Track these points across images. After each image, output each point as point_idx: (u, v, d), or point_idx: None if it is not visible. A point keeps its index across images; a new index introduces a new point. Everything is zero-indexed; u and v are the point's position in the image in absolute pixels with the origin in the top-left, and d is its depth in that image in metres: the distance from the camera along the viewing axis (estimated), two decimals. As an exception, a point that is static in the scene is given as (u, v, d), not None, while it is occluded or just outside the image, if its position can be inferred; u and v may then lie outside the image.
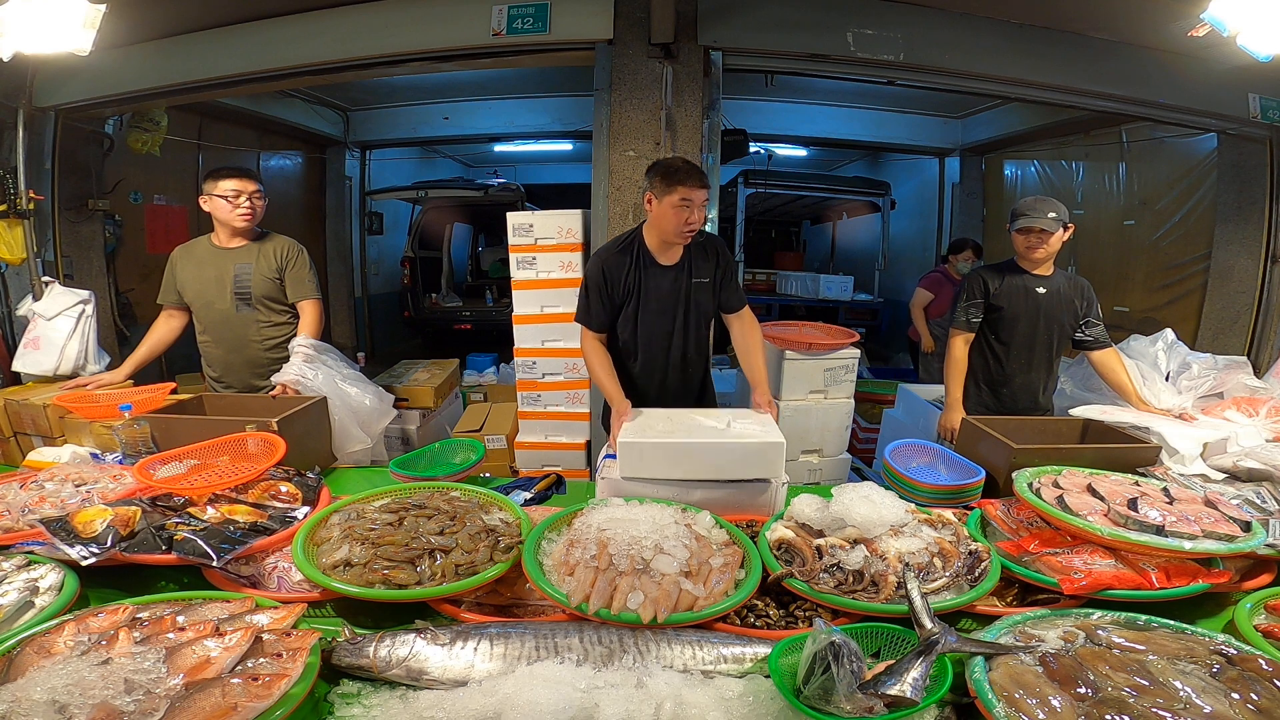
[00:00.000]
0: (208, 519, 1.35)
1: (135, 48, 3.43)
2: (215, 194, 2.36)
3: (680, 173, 1.97)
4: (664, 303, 2.13)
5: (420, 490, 1.52)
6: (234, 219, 2.38)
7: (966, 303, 2.49)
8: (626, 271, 2.10)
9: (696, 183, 1.97)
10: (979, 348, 2.55)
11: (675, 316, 2.16)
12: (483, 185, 7.71)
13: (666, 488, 1.55)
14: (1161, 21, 2.93)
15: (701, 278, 2.16)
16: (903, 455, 1.88)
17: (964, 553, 1.28)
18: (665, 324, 2.16)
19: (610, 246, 2.18)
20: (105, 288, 4.24)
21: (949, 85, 3.46)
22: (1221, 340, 4.08)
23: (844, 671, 0.89)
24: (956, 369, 2.51)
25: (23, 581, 1.17)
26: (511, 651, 1.01)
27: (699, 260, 2.16)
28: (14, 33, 1.89)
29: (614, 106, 3.09)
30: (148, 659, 0.91)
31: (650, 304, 2.13)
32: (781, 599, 1.24)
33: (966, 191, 6.80)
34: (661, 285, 2.12)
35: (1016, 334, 2.48)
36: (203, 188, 2.40)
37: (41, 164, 3.69)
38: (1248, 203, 3.89)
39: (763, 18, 3.05)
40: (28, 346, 2.63)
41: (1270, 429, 1.97)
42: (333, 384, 2.23)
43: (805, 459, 2.97)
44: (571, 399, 3.36)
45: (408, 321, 8.01)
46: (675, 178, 1.96)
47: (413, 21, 3.18)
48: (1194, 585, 1.21)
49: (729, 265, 2.22)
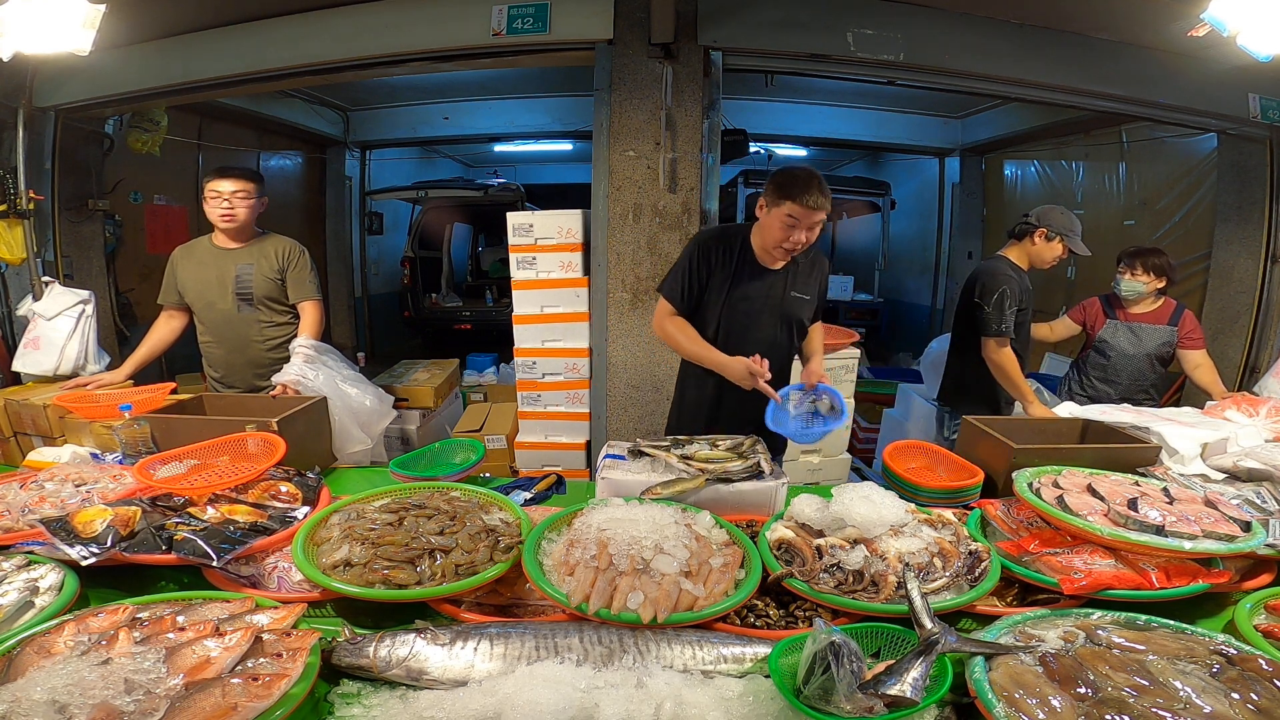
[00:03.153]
0: (208, 519, 1.34)
1: (135, 48, 3.42)
2: (206, 193, 2.38)
3: (796, 186, 1.79)
4: (756, 305, 1.99)
5: (420, 490, 1.52)
6: (215, 219, 2.39)
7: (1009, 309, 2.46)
8: (725, 261, 1.97)
9: (812, 203, 1.79)
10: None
11: (767, 325, 2.02)
12: (483, 185, 7.71)
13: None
14: (1161, 21, 2.93)
15: (803, 293, 2.04)
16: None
17: (964, 553, 1.28)
18: (755, 329, 2.01)
19: (713, 231, 2.05)
20: (105, 288, 4.24)
21: (949, 85, 3.46)
22: (1222, 340, 4.08)
23: (844, 671, 0.89)
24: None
25: (23, 581, 1.17)
26: (511, 651, 1.01)
27: (805, 273, 2.03)
28: (14, 33, 1.89)
29: (614, 106, 3.09)
30: (148, 659, 0.91)
31: (739, 303, 1.99)
32: (781, 599, 1.23)
33: (966, 191, 6.80)
34: (756, 287, 1.98)
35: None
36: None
37: (41, 164, 3.69)
38: (1248, 203, 3.89)
39: (763, 18, 3.05)
40: (28, 346, 2.63)
41: (1270, 429, 1.97)
42: (333, 384, 2.23)
43: (805, 459, 2.97)
44: (571, 399, 3.36)
45: (408, 321, 8.01)
46: (788, 190, 1.80)
47: (413, 21, 3.18)
48: (1194, 585, 1.21)
49: (826, 284, 2.12)
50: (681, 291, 2.00)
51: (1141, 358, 2.74)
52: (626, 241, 3.17)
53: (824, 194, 1.82)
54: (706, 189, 3.14)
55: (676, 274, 2.03)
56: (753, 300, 2.00)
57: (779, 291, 2.01)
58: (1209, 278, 4.18)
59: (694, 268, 1.99)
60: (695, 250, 2.00)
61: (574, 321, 3.28)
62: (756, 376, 1.83)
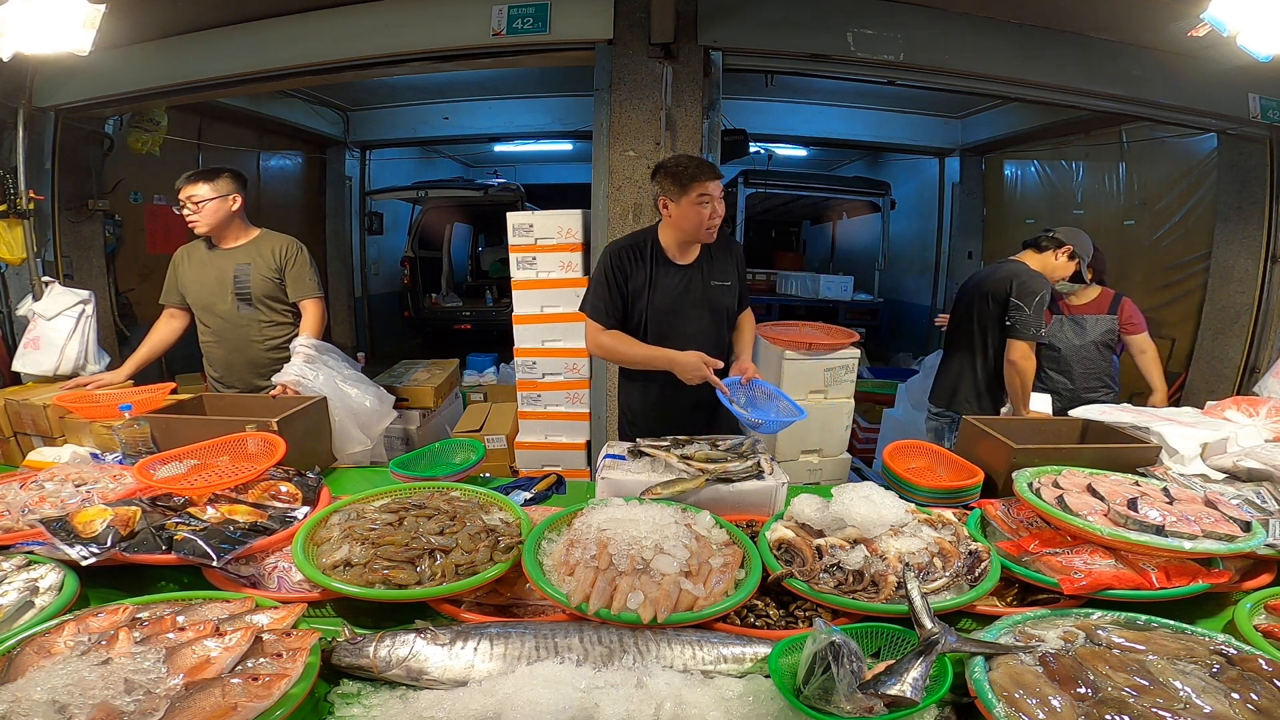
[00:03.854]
0: (208, 519, 1.34)
1: (135, 48, 3.43)
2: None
3: (692, 169, 1.91)
4: (678, 302, 2.04)
5: (420, 490, 1.52)
6: (189, 225, 2.40)
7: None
8: (638, 267, 2.03)
9: (710, 175, 1.91)
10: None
11: (693, 318, 2.06)
12: (483, 185, 7.71)
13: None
14: (1161, 21, 2.93)
15: (723, 280, 2.09)
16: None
17: (964, 553, 1.28)
18: (681, 325, 2.05)
19: (621, 241, 2.10)
20: (105, 288, 4.24)
21: (949, 85, 3.46)
22: (1221, 340, 4.09)
23: (844, 671, 0.89)
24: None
25: (23, 581, 1.17)
26: (511, 651, 1.01)
27: (720, 261, 2.09)
28: (14, 33, 1.89)
29: (614, 106, 3.09)
30: (148, 659, 0.91)
31: (662, 302, 2.04)
32: (781, 599, 1.23)
33: (966, 191, 6.80)
34: (675, 283, 2.04)
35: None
36: None
37: (41, 164, 3.69)
38: (1248, 203, 3.89)
39: (763, 18, 3.05)
40: (28, 346, 2.63)
41: (1270, 429, 1.96)
42: (333, 385, 2.23)
43: (805, 459, 2.97)
44: (571, 399, 3.36)
45: (408, 321, 8.02)
46: (689, 175, 1.91)
47: (413, 21, 3.18)
48: (1194, 585, 1.21)
49: (744, 267, 2.16)
50: (605, 306, 2.05)
51: (1089, 346, 2.88)
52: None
53: (714, 164, 1.97)
54: (706, 189, 3.14)
55: (596, 290, 2.07)
56: (675, 297, 2.04)
57: (699, 283, 2.06)
58: (1209, 278, 4.18)
59: (611, 279, 2.03)
60: (608, 261, 2.04)
61: (574, 321, 3.28)
62: (708, 366, 1.87)
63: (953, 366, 2.83)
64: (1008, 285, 2.52)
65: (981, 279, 2.73)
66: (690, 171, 1.91)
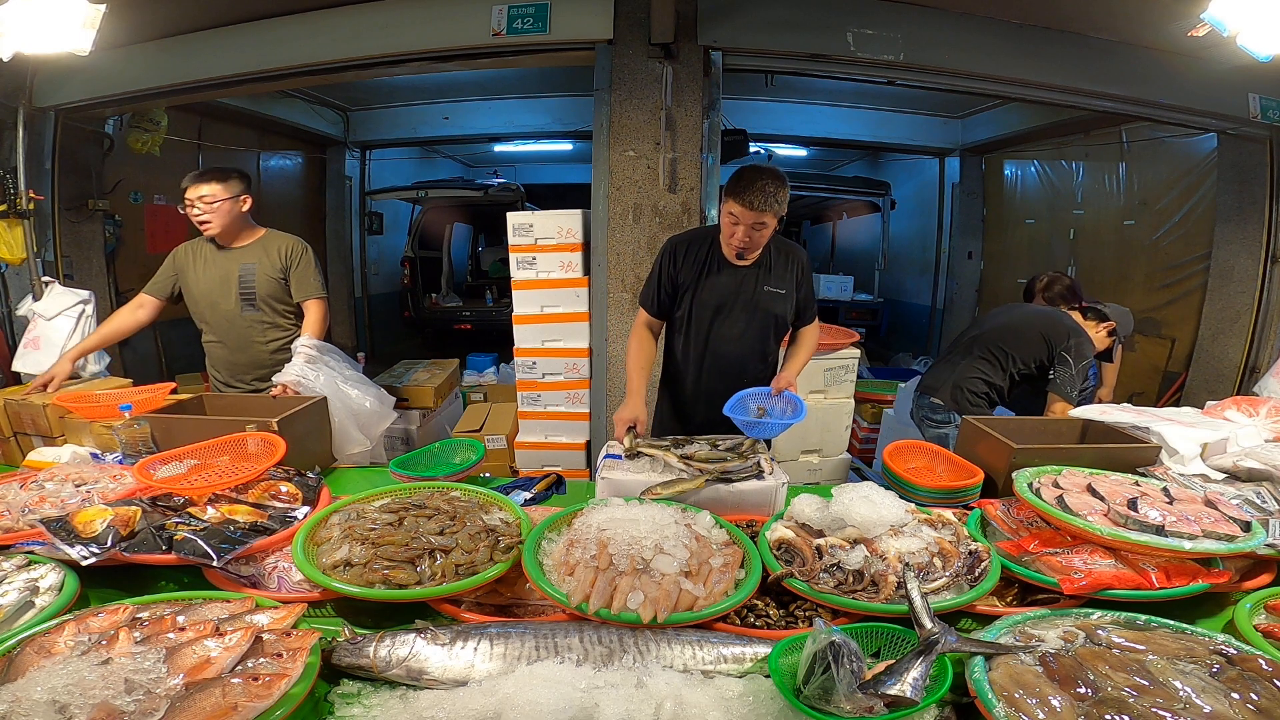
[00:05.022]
0: (208, 519, 1.35)
1: (135, 48, 3.43)
2: (185, 201, 2.37)
3: (739, 184, 1.80)
4: (726, 301, 1.99)
5: (420, 490, 1.52)
6: (197, 225, 2.38)
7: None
8: (692, 262, 2.00)
9: (748, 202, 1.77)
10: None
11: (738, 320, 2.01)
12: (483, 185, 7.71)
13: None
14: (1161, 21, 2.93)
15: (778, 287, 2.02)
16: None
17: (964, 553, 1.28)
18: (723, 325, 2.01)
19: (682, 235, 2.08)
20: (105, 288, 4.25)
21: (949, 85, 3.46)
22: (1221, 340, 4.09)
23: (844, 671, 0.89)
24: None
25: (23, 581, 1.17)
26: (511, 651, 1.01)
27: (778, 267, 2.02)
28: (14, 33, 1.89)
29: (614, 106, 3.09)
30: (148, 659, 0.91)
31: (709, 300, 2.00)
32: (781, 599, 1.24)
33: (966, 191, 6.81)
34: (726, 283, 1.99)
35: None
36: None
37: (41, 164, 3.69)
38: (1248, 203, 3.89)
39: (763, 18, 3.05)
40: (28, 346, 2.63)
41: (1270, 429, 1.96)
42: (334, 385, 2.23)
43: (805, 459, 2.97)
44: (571, 399, 3.36)
45: (408, 321, 8.02)
46: (729, 188, 1.82)
47: (413, 21, 3.18)
48: (1194, 585, 1.21)
49: (809, 277, 2.10)
50: (655, 296, 2.06)
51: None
52: (626, 241, 3.17)
53: (767, 198, 1.77)
54: (706, 189, 3.14)
55: (651, 281, 2.09)
56: (722, 295, 2.01)
57: (750, 286, 2.02)
58: (1209, 278, 4.18)
59: (663, 270, 2.04)
60: (665, 253, 2.05)
61: (574, 321, 3.29)
62: (620, 427, 1.83)
63: (966, 368, 2.75)
64: (1066, 337, 2.52)
65: (1039, 314, 2.69)
66: (731, 185, 1.83)
